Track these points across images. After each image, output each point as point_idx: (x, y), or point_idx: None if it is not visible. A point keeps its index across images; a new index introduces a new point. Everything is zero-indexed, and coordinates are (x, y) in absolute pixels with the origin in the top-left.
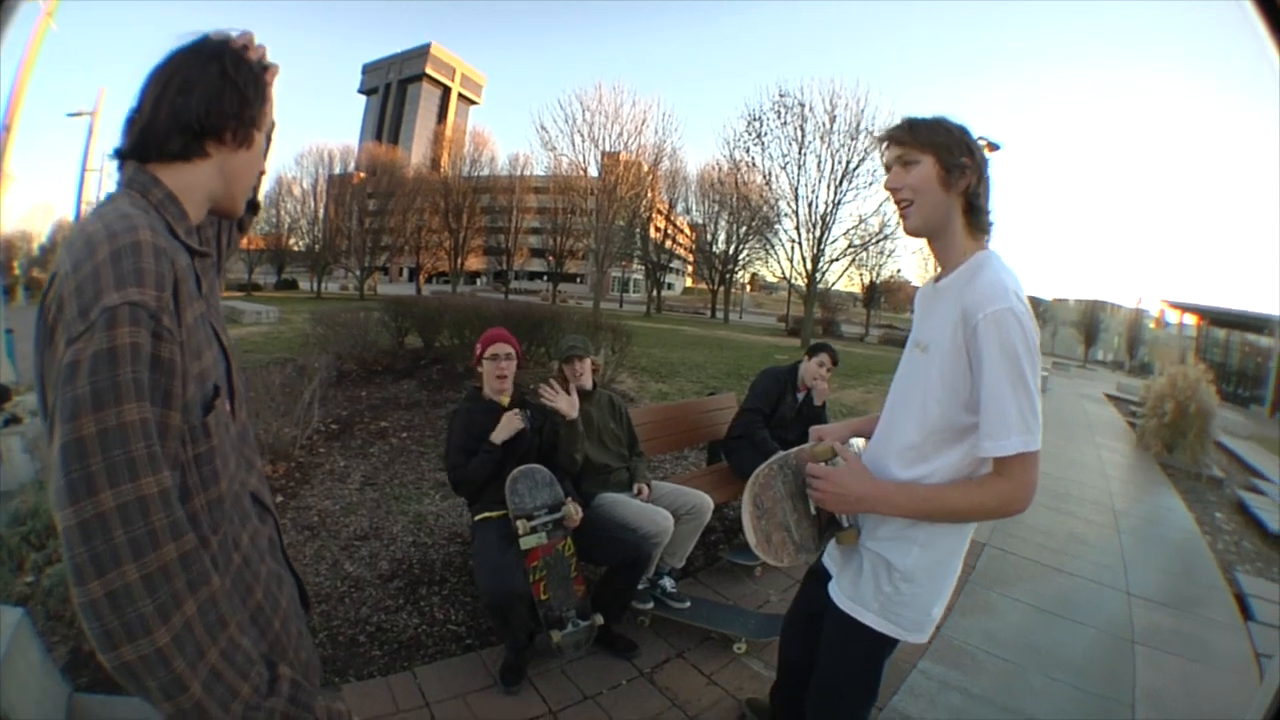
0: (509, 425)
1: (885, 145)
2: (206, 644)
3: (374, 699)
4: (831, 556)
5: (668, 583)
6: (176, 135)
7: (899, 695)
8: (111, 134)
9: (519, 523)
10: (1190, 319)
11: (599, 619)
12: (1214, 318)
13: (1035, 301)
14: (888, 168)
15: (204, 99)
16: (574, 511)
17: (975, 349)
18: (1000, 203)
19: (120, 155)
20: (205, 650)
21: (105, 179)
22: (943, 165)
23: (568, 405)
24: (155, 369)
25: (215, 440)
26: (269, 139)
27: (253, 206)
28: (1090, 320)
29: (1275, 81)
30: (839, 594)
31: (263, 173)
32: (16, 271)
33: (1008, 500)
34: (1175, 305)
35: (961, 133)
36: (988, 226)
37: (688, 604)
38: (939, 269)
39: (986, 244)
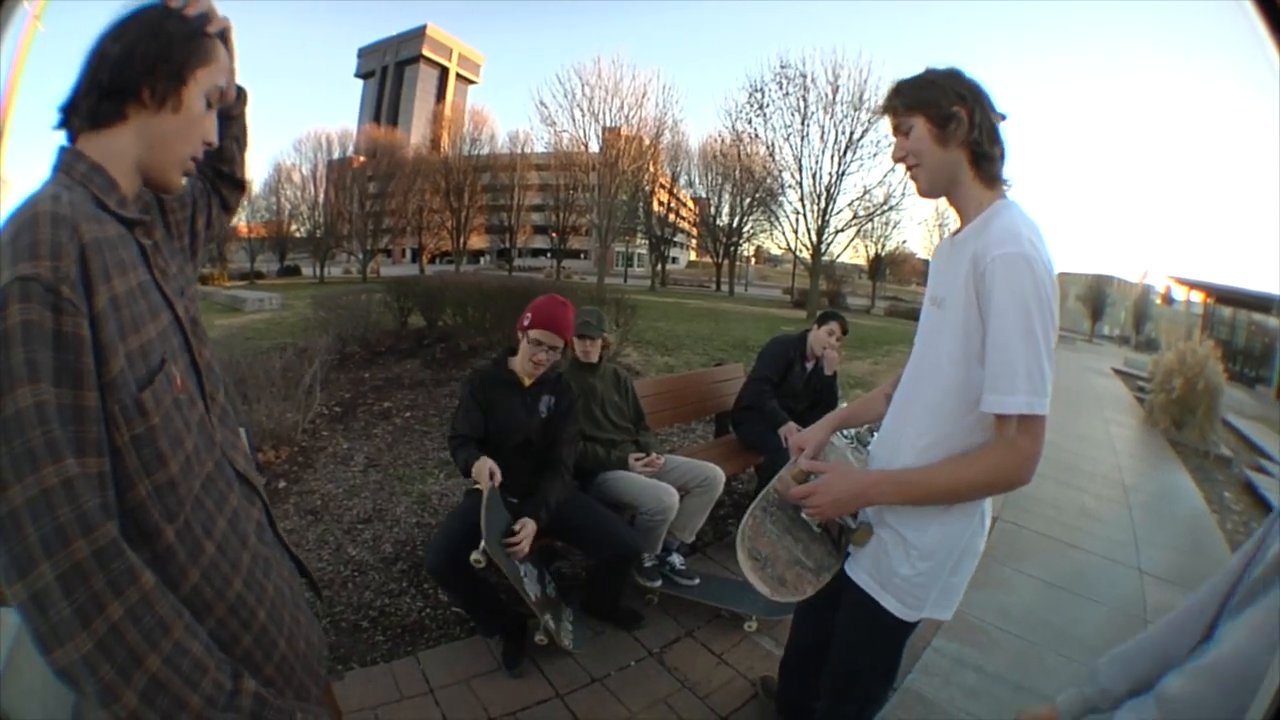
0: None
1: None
2: (142, 650)
3: (377, 686)
4: None
5: (676, 559)
6: (88, 97)
7: (914, 674)
8: None
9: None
10: (1197, 296)
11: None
12: (1221, 296)
13: None
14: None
15: (117, 55)
16: (524, 543)
17: (984, 294)
18: (1010, 172)
19: (58, 127)
20: (141, 657)
21: None
22: (933, 121)
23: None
24: (59, 346)
25: (157, 419)
26: (224, 106)
27: (237, 184)
28: (1096, 295)
29: (1276, 81)
30: (858, 572)
31: (211, 144)
32: None
33: (1004, 474)
34: (1182, 282)
35: (949, 79)
36: (998, 173)
37: (696, 581)
38: (956, 224)
39: (1004, 193)
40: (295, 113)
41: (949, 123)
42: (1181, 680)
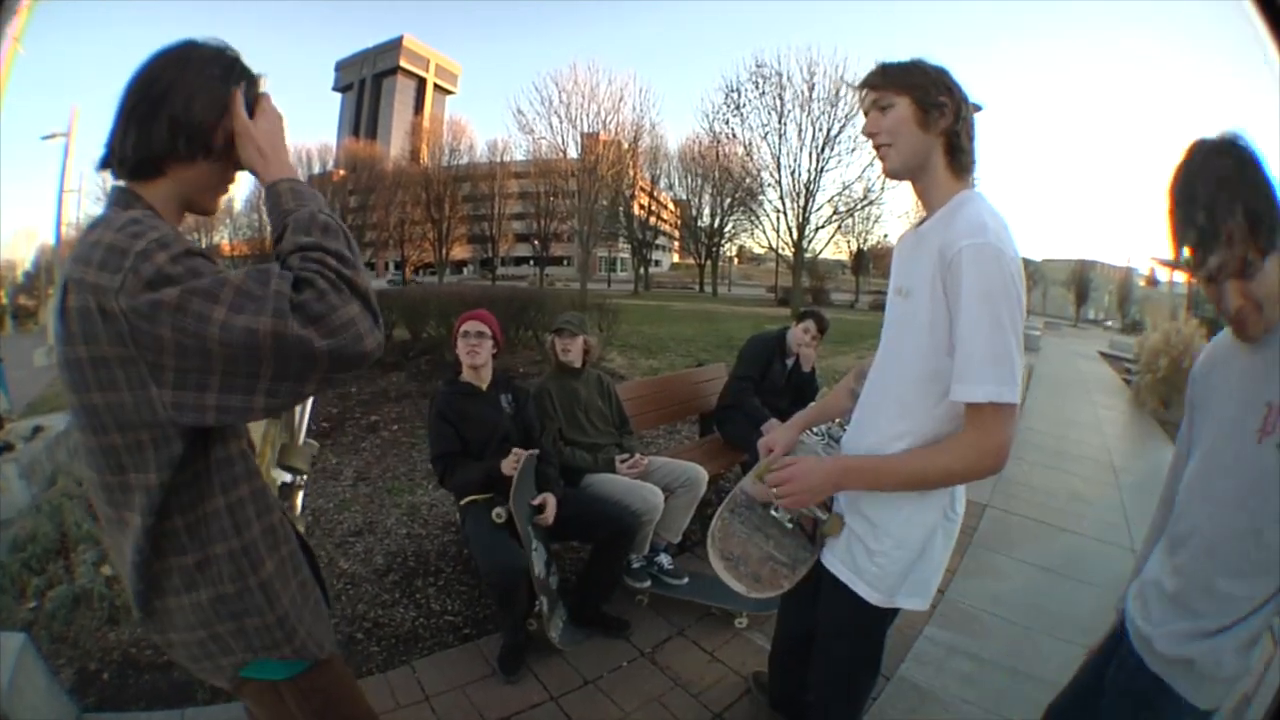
0: (516, 466)
1: (862, 92)
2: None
3: (373, 696)
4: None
5: (664, 560)
6: (121, 166)
7: (906, 663)
8: (87, 152)
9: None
10: (1180, 277)
11: (557, 626)
12: None
13: (1026, 262)
14: (866, 114)
15: (138, 138)
16: (549, 512)
17: (952, 284)
18: (989, 162)
19: (101, 168)
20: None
21: (84, 199)
22: (919, 105)
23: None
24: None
25: None
26: (256, 109)
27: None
28: (1081, 280)
29: (1275, 81)
30: (833, 561)
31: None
32: (3, 300)
33: (974, 462)
34: (1165, 263)
35: (939, 73)
36: (970, 165)
37: (685, 580)
38: (922, 214)
39: (971, 184)
40: None
41: (933, 109)
42: None
